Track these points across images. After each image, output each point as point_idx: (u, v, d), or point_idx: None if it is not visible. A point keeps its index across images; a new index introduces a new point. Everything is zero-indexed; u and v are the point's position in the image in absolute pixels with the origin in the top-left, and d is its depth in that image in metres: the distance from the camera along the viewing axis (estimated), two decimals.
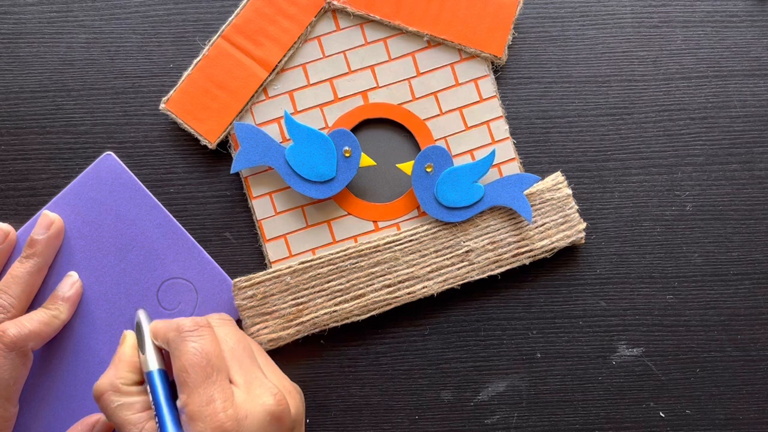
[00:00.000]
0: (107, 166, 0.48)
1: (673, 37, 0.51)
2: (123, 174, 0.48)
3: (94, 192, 0.48)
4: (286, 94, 0.49)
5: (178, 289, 0.47)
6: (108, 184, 0.48)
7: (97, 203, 0.47)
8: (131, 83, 0.50)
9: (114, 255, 0.47)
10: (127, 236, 0.47)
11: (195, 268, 0.48)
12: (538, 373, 0.49)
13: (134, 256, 0.47)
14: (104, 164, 0.48)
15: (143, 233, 0.47)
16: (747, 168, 0.50)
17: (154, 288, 0.47)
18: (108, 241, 0.47)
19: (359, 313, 0.47)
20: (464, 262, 0.48)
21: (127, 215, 0.48)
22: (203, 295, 0.48)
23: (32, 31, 0.50)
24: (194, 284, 0.48)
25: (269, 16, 0.48)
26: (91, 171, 0.48)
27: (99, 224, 0.47)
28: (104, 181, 0.48)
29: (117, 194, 0.48)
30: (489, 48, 0.49)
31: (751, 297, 0.49)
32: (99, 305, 0.47)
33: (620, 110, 0.50)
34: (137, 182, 0.48)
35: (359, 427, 0.48)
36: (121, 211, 0.48)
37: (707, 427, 0.49)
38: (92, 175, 0.48)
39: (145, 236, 0.47)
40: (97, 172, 0.48)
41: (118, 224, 0.47)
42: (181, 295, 0.47)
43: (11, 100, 0.49)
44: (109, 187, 0.48)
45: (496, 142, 0.49)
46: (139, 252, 0.47)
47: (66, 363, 0.47)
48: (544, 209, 0.49)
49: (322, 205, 0.49)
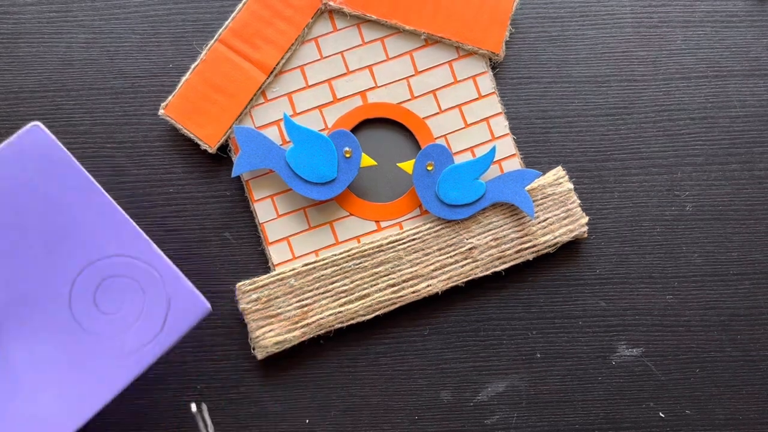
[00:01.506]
0: (33, 139, 0.39)
1: (673, 37, 0.51)
2: (53, 148, 0.39)
3: (16, 169, 0.38)
4: (285, 97, 0.48)
5: (121, 289, 0.39)
6: (34, 160, 0.39)
7: (18, 183, 0.38)
8: (130, 83, 0.50)
9: (40, 248, 0.38)
10: (56, 224, 0.39)
11: (144, 265, 0.39)
12: (537, 373, 0.49)
13: (65, 249, 0.39)
14: (29, 137, 0.39)
15: (76, 221, 0.39)
16: (747, 168, 0.50)
17: (91, 287, 0.39)
18: (31, 230, 0.39)
19: (364, 313, 0.47)
20: (468, 260, 0.48)
21: (58, 198, 0.39)
22: (152, 297, 0.39)
23: (31, 30, 0.50)
24: (141, 284, 0.39)
25: (266, 18, 0.48)
26: (12, 144, 0.38)
27: (19, 209, 0.39)
28: (29, 157, 0.39)
29: (45, 173, 0.39)
30: (486, 45, 0.49)
31: (751, 297, 0.49)
32: (15, 308, 0.38)
33: (620, 110, 0.50)
34: (70, 158, 0.39)
35: (359, 427, 0.48)
36: (49, 193, 0.39)
37: (707, 427, 0.49)
38: (14, 149, 0.38)
39: (79, 225, 0.39)
40: (20, 146, 0.38)
41: (46, 209, 0.39)
42: (124, 296, 0.39)
43: (10, 100, 0.49)
44: (35, 164, 0.39)
45: (496, 139, 0.49)
46: (72, 244, 0.39)
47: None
48: (546, 204, 0.49)
49: (324, 207, 0.49)
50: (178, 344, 0.44)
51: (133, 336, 0.39)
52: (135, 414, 0.48)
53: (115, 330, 0.39)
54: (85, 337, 0.39)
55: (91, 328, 0.39)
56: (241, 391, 0.48)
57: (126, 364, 0.39)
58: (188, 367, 0.48)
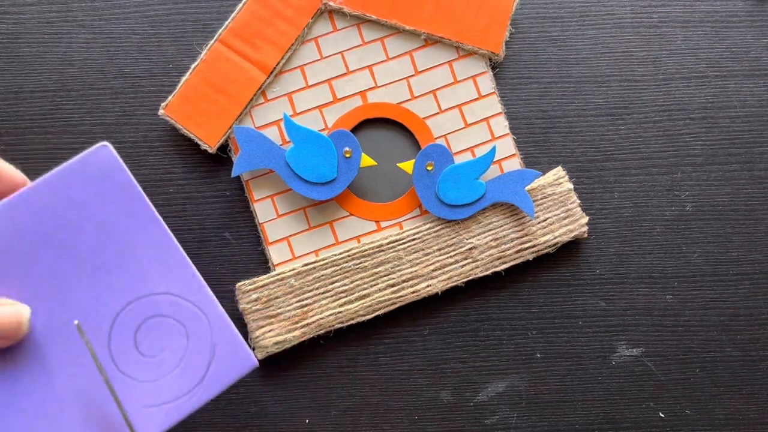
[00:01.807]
0: (100, 159, 0.36)
1: (673, 37, 0.51)
2: (118, 173, 0.36)
3: (77, 188, 0.36)
4: (285, 97, 0.48)
5: (165, 331, 0.36)
6: (96, 181, 0.36)
7: (78, 203, 0.36)
8: (130, 83, 0.50)
9: (88, 274, 0.35)
10: (108, 252, 0.36)
11: (193, 308, 0.36)
12: (537, 373, 0.49)
13: (114, 279, 0.36)
14: (96, 157, 0.36)
15: (130, 251, 0.36)
16: (747, 168, 0.50)
17: (134, 325, 0.36)
18: (83, 254, 0.35)
19: (364, 313, 0.47)
20: (468, 260, 0.48)
21: (115, 224, 0.36)
22: (196, 344, 0.36)
23: (31, 31, 0.50)
24: (186, 328, 0.36)
25: (266, 18, 0.48)
26: (78, 162, 0.36)
27: (74, 230, 0.36)
28: (92, 177, 0.36)
29: (106, 196, 0.36)
30: (486, 45, 0.49)
31: (751, 297, 0.49)
32: (56, 342, 0.35)
33: (620, 110, 0.50)
34: (135, 186, 0.37)
35: (359, 427, 0.48)
36: (107, 217, 0.36)
37: (707, 427, 0.49)
38: (79, 168, 0.36)
39: (132, 256, 0.36)
40: (85, 165, 0.36)
41: (101, 234, 0.36)
42: (166, 339, 0.36)
43: (10, 100, 0.49)
44: (98, 185, 0.36)
45: (496, 139, 0.49)
46: (122, 275, 0.36)
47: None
48: (546, 204, 0.49)
49: (324, 207, 0.49)
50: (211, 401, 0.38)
51: (169, 384, 0.36)
52: None
53: (151, 375, 0.36)
54: (119, 377, 0.36)
55: (127, 369, 0.36)
56: (241, 391, 0.48)
57: (156, 416, 0.36)
58: None
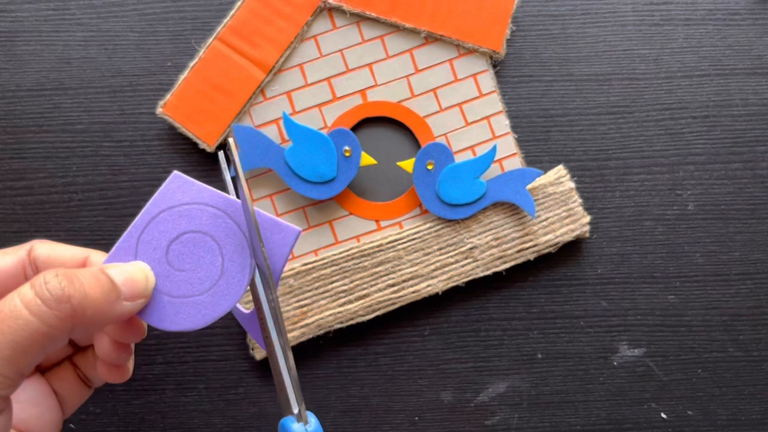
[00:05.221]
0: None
1: (675, 35, 0.51)
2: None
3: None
4: (284, 95, 0.48)
5: (197, 246, 0.36)
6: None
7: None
8: (129, 82, 0.49)
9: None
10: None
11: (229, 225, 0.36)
12: (538, 373, 0.49)
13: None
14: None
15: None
16: (749, 167, 0.50)
17: (167, 239, 0.36)
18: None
19: (364, 313, 0.47)
20: (468, 259, 0.48)
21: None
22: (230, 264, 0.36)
23: (29, 29, 0.50)
24: (220, 245, 0.36)
25: (265, 16, 0.48)
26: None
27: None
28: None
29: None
30: (487, 43, 0.49)
31: (754, 297, 0.49)
32: None
33: (621, 109, 0.50)
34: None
35: (359, 428, 0.48)
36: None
37: (709, 428, 0.48)
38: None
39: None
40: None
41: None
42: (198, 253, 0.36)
43: (8, 99, 0.49)
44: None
45: (497, 138, 0.49)
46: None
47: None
48: (548, 203, 0.48)
49: (324, 206, 0.48)
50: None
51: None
52: (134, 414, 0.48)
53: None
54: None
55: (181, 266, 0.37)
56: (240, 391, 0.48)
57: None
58: (188, 367, 0.48)
